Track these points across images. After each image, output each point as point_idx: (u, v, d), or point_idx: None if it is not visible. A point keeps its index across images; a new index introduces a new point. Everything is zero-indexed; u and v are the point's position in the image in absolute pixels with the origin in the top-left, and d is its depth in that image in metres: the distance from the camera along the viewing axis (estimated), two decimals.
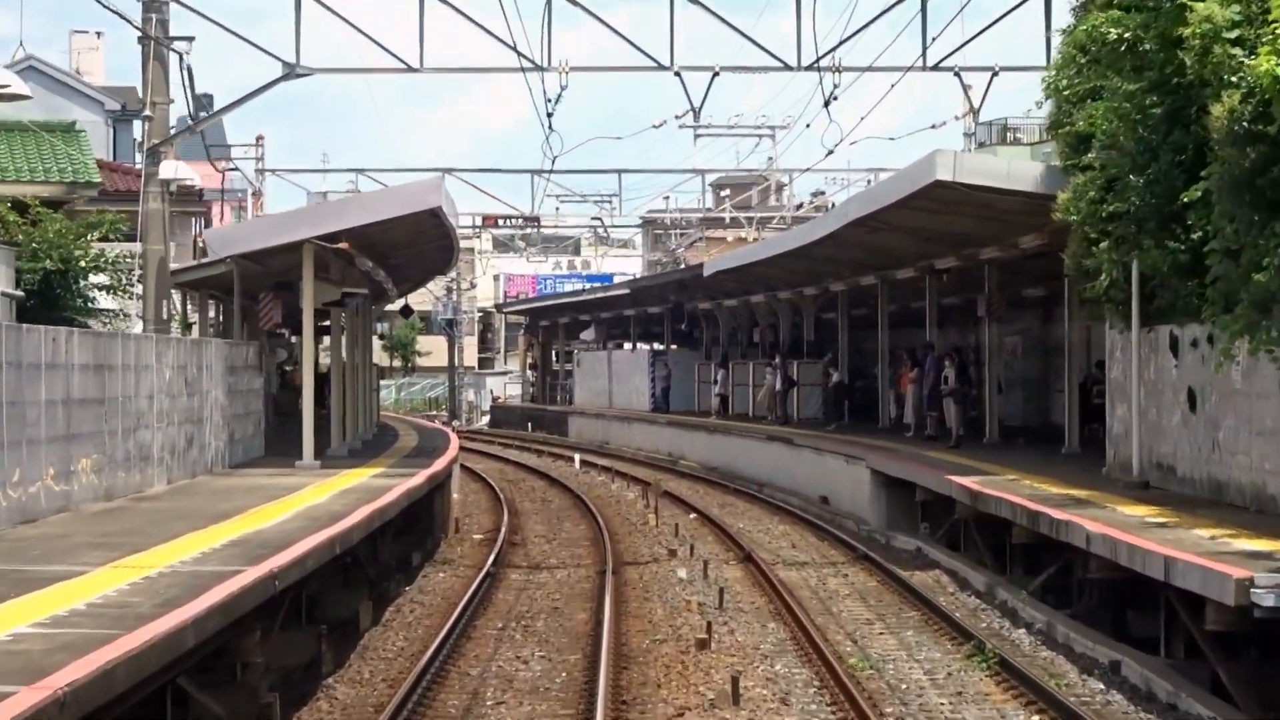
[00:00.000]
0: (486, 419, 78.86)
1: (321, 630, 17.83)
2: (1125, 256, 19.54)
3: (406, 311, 52.75)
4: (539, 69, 26.41)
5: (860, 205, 29.42)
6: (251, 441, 29.01)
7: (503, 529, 30.04)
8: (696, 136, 53.00)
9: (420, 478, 24.64)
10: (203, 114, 29.17)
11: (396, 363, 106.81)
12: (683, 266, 62.21)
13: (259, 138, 54.83)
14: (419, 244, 33.40)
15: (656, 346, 66.26)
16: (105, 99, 46.51)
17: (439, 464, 28.04)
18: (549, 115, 27.48)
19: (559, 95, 27.24)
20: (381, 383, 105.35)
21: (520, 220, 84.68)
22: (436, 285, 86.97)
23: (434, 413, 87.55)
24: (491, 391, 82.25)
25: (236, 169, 48.05)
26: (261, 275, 31.15)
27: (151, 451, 22.20)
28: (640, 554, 26.61)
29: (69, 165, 33.58)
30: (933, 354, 35.17)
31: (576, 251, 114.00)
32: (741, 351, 54.29)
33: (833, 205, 53.47)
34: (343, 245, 26.58)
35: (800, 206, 59.27)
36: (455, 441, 36.53)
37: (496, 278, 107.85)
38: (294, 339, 45.23)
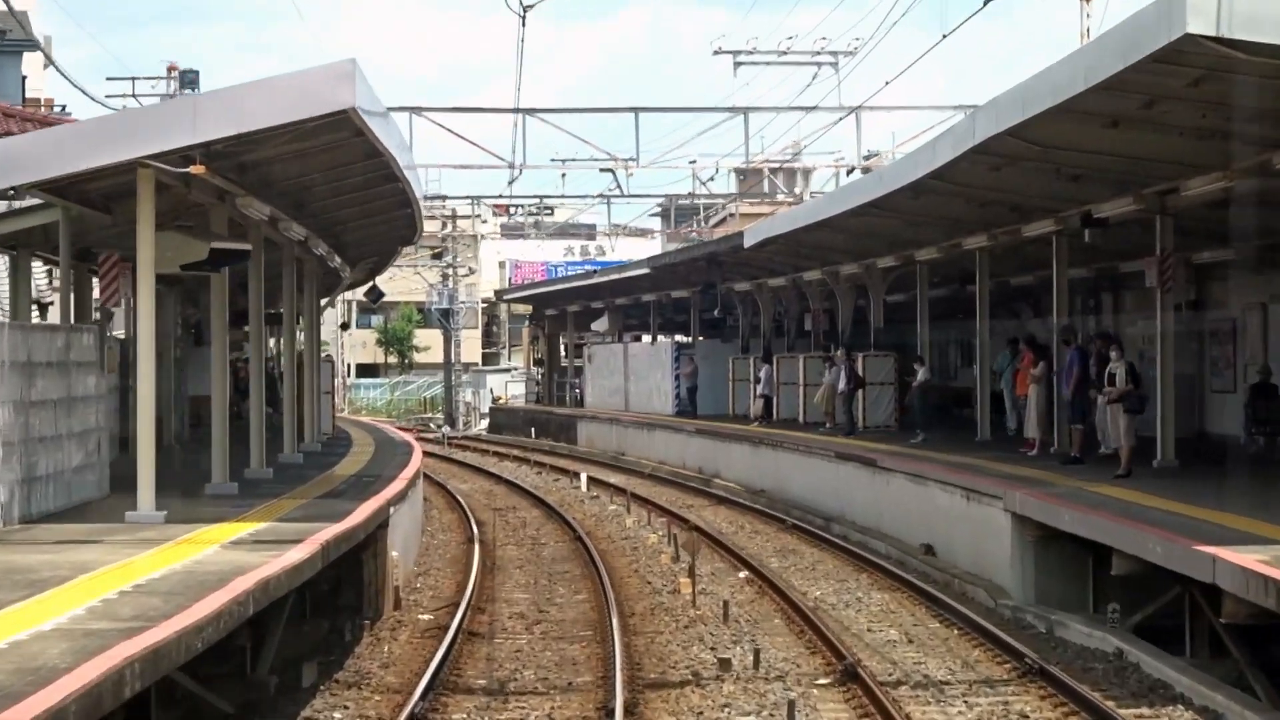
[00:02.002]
0: (486, 423, 68.91)
1: None
2: None
3: (374, 294, 42.92)
4: None
5: (1000, 114, 19.38)
6: (80, 477, 19.09)
7: (465, 601, 20.14)
8: (737, 65, 42.64)
9: (302, 551, 14.71)
10: None
11: (392, 359, 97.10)
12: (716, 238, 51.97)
13: (170, 68, 44.60)
14: (350, 182, 23.46)
15: (680, 339, 56.20)
16: None
17: (359, 515, 18.12)
18: None
19: None
20: (374, 381, 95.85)
21: (533, 207, 74.65)
22: (432, 272, 77.12)
23: (429, 415, 77.77)
24: (492, 391, 72.26)
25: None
26: (111, 230, 21.29)
27: None
28: (672, 662, 16.61)
29: None
30: (1075, 344, 25.19)
31: (591, 237, 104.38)
32: (788, 343, 44.24)
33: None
34: (196, 168, 16.67)
35: (851, 171, 49.09)
36: (413, 468, 26.62)
37: (502, 264, 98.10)
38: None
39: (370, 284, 41.95)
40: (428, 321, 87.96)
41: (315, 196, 23.86)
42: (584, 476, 37.61)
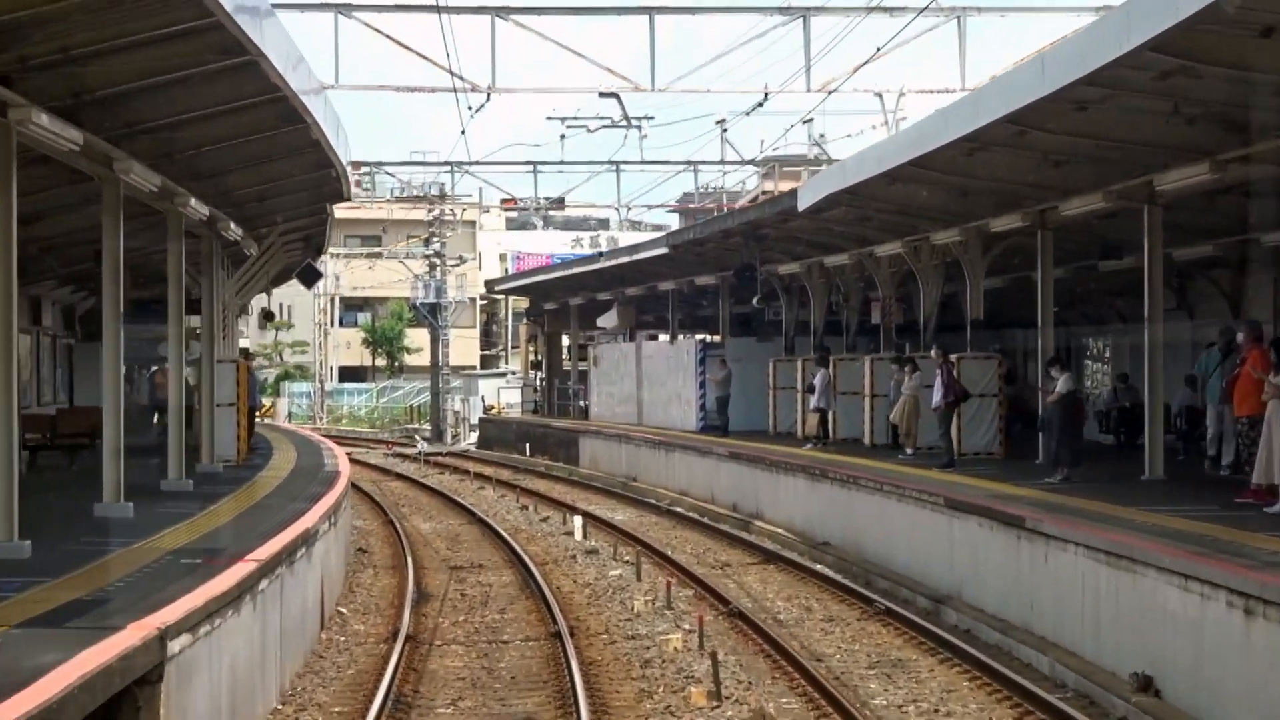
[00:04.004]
0: (475, 436, 59.09)
1: None
2: None
3: (308, 275, 33.21)
4: None
5: None
6: None
7: None
8: None
9: None
10: None
11: (380, 361, 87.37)
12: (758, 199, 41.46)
13: None
14: (176, 64, 13.69)
15: (702, 337, 46.28)
16: None
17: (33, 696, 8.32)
18: None
19: None
20: (358, 386, 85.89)
21: (545, 200, 65.32)
22: (418, 264, 67.39)
23: (415, 426, 68.08)
24: (484, 399, 62.33)
25: None
26: None
27: None
28: None
29: None
30: None
31: (605, 226, 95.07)
32: (848, 341, 34.35)
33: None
34: None
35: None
36: (289, 535, 16.79)
37: (503, 256, 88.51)
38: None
39: (306, 263, 32.24)
40: (420, 319, 78.25)
41: (116, 88, 14.07)
42: (579, 521, 27.75)
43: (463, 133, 35.12)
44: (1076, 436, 22.13)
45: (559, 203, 73.25)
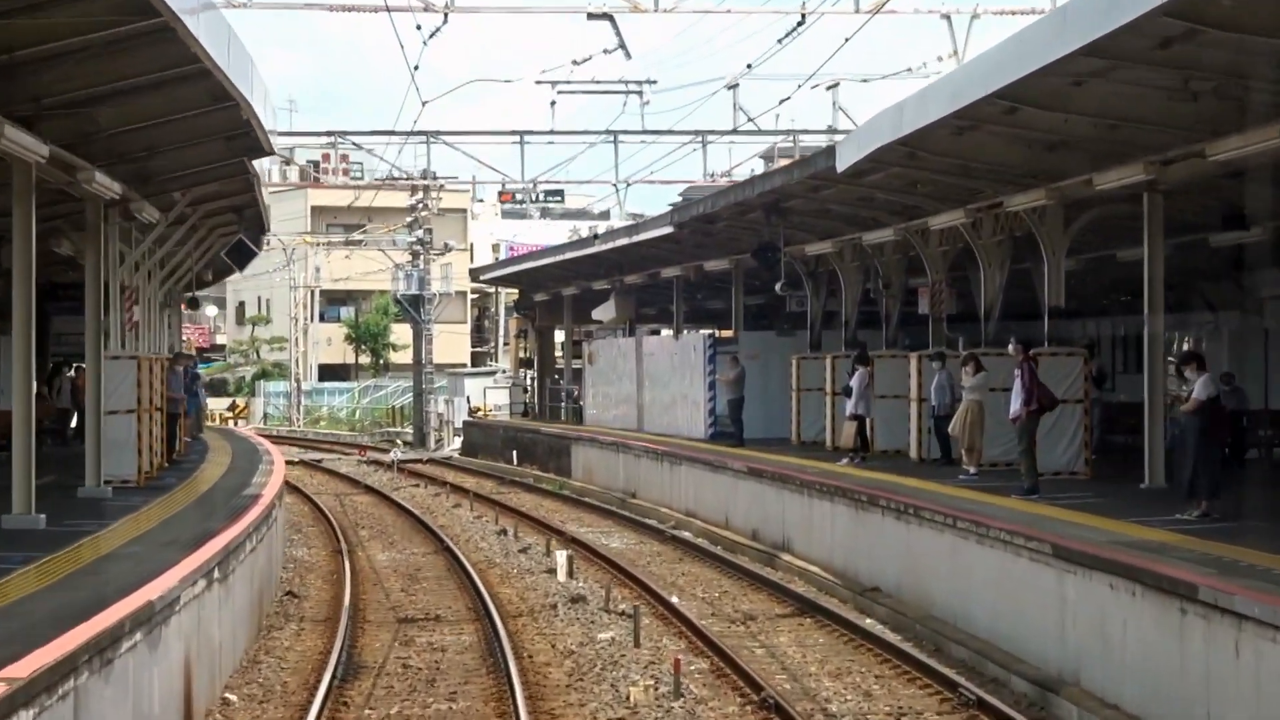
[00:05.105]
0: (459, 441, 53.70)
1: None
2: None
3: (239, 254, 27.89)
4: None
5: None
6: None
7: None
8: None
9: None
10: None
11: (364, 359, 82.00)
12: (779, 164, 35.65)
13: None
14: None
15: (712, 332, 40.85)
16: None
17: None
18: None
19: None
20: (339, 385, 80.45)
21: (541, 193, 60.06)
22: (400, 252, 61.98)
23: (398, 429, 62.80)
24: (469, 400, 56.97)
25: None
26: None
27: None
28: None
29: None
30: None
31: (606, 217, 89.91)
32: (888, 335, 28.92)
33: None
34: None
35: None
36: (121, 611, 11.47)
37: (495, 246, 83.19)
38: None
39: (236, 238, 26.90)
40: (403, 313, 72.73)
41: None
42: (562, 559, 22.31)
43: (416, 69, 29.18)
44: (1217, 458, 16.76)
45: (557, 195, 67.38)
